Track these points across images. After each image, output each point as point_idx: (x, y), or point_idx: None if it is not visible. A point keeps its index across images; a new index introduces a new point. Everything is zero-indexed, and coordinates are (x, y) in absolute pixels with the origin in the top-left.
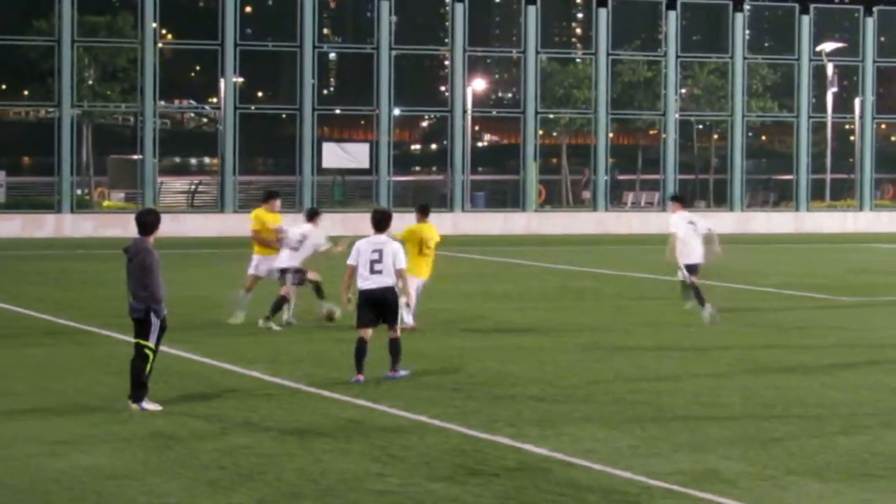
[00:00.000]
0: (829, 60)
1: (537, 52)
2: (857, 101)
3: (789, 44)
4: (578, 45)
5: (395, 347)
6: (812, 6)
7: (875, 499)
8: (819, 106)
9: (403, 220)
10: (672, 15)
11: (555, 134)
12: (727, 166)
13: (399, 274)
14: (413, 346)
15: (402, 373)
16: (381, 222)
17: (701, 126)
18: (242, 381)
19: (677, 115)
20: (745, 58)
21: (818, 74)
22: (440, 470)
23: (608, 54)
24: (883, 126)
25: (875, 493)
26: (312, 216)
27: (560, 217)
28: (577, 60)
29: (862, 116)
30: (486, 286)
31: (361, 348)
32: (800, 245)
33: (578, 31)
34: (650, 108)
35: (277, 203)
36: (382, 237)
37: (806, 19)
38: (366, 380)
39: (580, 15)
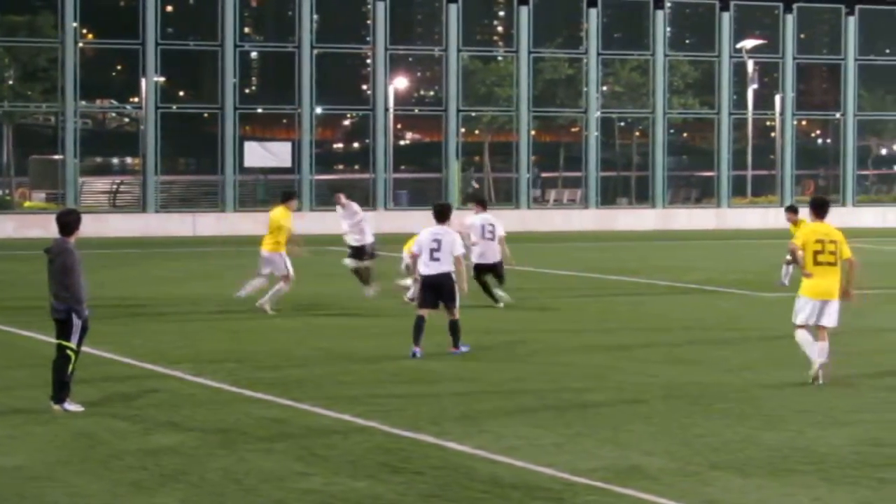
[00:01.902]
0: (750, 57)
1: (459, 50)
2: (777, 98)
3: (710, 41)
4: (500, 42)
5: (454, 327)
6: (732, 3)
7: (797, 493)
8: (740, 103)
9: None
10: (593, 12)
11: (477, 132)
12: (649, 163)
13: (457, 261)
14: (339, 345)
15: (464, 348)
16: (441, 214)
17: (623, 123)
18: (165, 382)
19: (599, 113)
20: (666, 55)
21: (739, 71)
22: (364, 468)
23: (530, 52)
24: (803, 122)
25: (797, 488)
26: (481, 202)
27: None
28: (499, 58)
29: (782, 113)
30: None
31: (419, 325)
32: (721, 241)
33: (500, 28)
34: (572, 105)
35: (295, 203)
36: (443, 228)
37: (726, 16)
38: (422, 353)
39: (502, 13)
